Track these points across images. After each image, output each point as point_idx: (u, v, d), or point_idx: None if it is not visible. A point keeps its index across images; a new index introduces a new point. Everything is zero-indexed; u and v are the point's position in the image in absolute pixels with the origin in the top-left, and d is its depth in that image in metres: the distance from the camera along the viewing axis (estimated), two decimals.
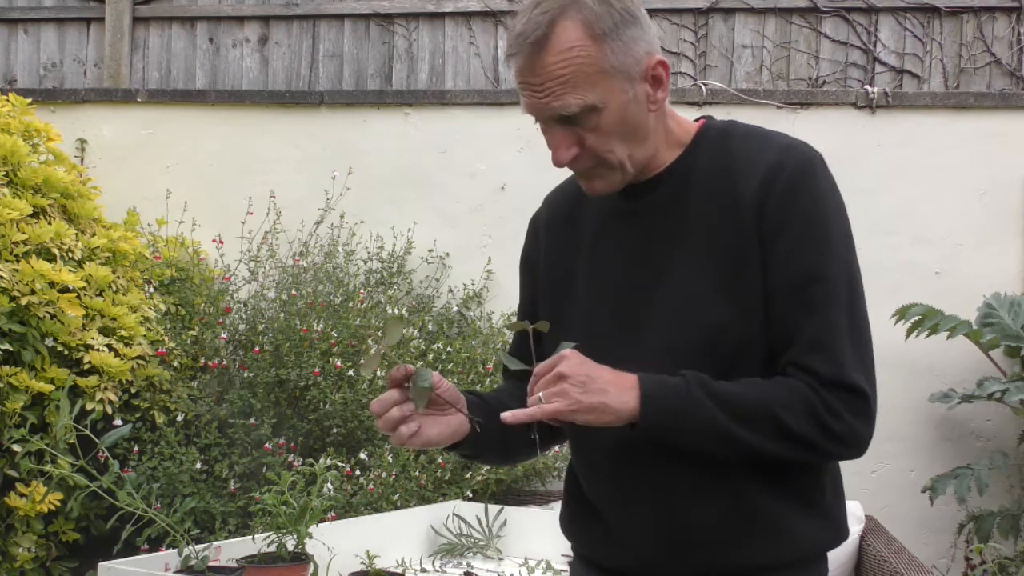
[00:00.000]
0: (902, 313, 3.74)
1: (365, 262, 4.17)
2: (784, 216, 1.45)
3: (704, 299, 1.47)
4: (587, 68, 1.43)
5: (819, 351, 1.43)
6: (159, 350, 3.58)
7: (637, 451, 1.48)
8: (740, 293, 1.46)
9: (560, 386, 1.40)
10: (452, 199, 4.34)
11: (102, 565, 2.29)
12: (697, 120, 1.62)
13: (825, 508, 1.54)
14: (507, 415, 1.41)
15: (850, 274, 1.48)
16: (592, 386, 1.40)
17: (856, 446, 1.46)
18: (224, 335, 3.74)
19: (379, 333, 3.66)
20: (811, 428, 1.42)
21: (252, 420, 3.54)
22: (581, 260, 1.60)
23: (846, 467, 1.60)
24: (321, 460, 2.43)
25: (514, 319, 1.70)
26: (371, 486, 3.36)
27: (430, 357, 3.81)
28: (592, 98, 1.44)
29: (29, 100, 3.90)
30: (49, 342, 3.20)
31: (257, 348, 3.68)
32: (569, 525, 1.68)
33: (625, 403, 1.41)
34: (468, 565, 3.00)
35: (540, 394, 1.40)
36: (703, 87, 4.26)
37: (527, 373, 1.49)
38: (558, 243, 1.65)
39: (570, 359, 1.41)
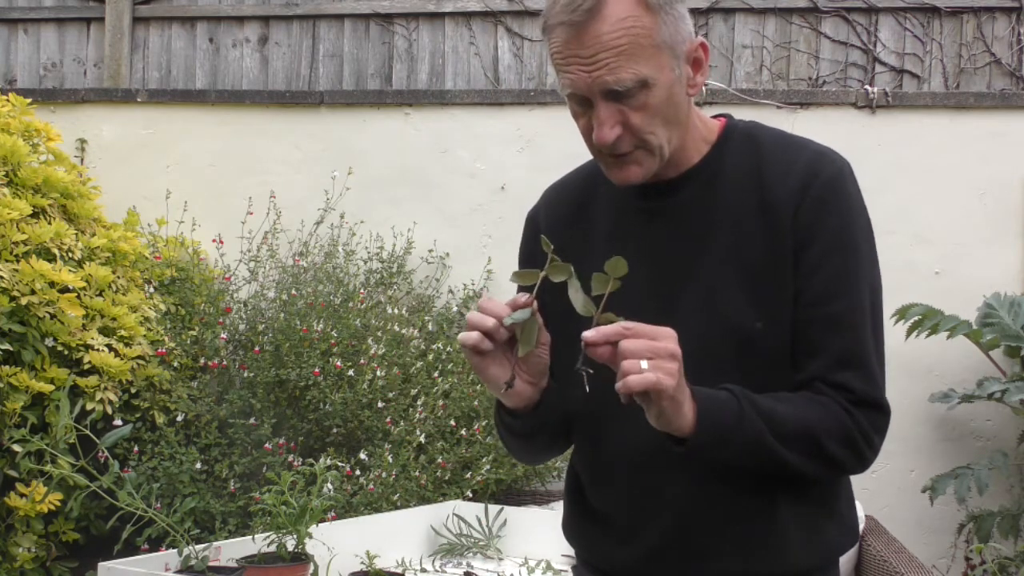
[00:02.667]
0: (902, 313, 3.74)
1: (365, 262, 4.17)
2: (815, 225, 1.42)
3: (735, 307, 1.43)
4: (642, 40, 1.36)
5: (851, 367, 1.41)
6: (159, 350, 3.58)
7: (656, 458, 1.44)
8: (772, 301, 1.42)
9: (670, 365, 1.27)
10: (452, 199, 4.34)
11: (102, 565, 2.29)
12: (715, 118, 1.57)
13: (841, 512, 1.53)
14: (591, 335, 1.28)
15: (874, 289, 1.46)
16: (681, 382, 1.30)
17: (870, 463, 1.47)
18: (224, 335, 3.74)
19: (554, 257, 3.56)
20: (845, 452, 1.42)
21: (252, 420, 3.54)
22: (593, 262, 1.50)
23: None
24: (321, 460, 2.43)
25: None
26: (371, 486, 3.35)
27: (430, 357, 3.81)
28: (646, 72, 1.37)
29: (29, 100, 3.90)
30: (49, 342, 3.19)
31: (257, 348, 3.68)
32: (573, 530, 1.65)
33: (685, 415, 1.32)
34: (468, 565, 2.99)
35: (644, 363, 1.26)
36: (703, 87, 4.26)
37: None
38: (563, 242, 1.54)
39: (677, 342, 1.29)
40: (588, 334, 1.28)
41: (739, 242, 1.45)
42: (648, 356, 1.27)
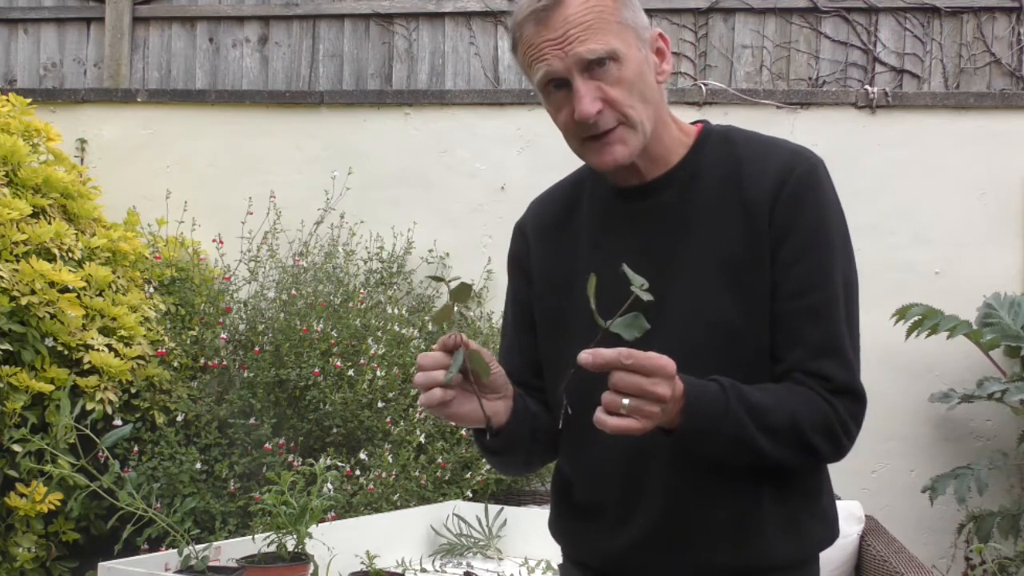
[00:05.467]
0: (902, 313, 3.74)
1: (365, 262, 4.17)
2: (790, 222, 1.47)
3: (719, 304, 1.47)
4: (607, 16, 1.44)
5: (829, 356, 1.45)
6: (159, 350, 3.58)
7: (643, 454, 1.47)
8: (753, 298, 1.47)
9: (652, 408, 1.27)
10: (452, 199, 4.34)
11: (102, 565, 2.29)
12: (693, 124, 1.62)
13: (823, 507, 1.56)
14: (586, 358, 1.25)
15: (848, 280, 1.50)
16: (668, 408, 1.31)
17: (847, 452, 1.49)
18: (224, 335, 3.74)
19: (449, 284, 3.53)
20: (825, 441, 1.45)
21: (252, 420, 3.54)
22: (581, 263, 1.57)
23: (846, 467, 1.61)
24: (321, 460, 2.43)
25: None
26: (371, 486, 3.36)
27: None
28: (615, 44, 1.44)
29: (29, 100, 3.90)
30: (49, 342, 3.19)
31: (257, 348, 3.68)
32: (559, 527, 1.67)
33: (666, 419, 1.35)
34: (468, 565, 3.00)
35: (626, 401, 1.26)
36: (703, 87, 4.26)
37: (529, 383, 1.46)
38: (552, 248, 1.62)
39: (675, 384, 1.30)
40: (584, 357, 1.27)
41: (720, 241, 1.49)
42: (633, 395, 1.26)
